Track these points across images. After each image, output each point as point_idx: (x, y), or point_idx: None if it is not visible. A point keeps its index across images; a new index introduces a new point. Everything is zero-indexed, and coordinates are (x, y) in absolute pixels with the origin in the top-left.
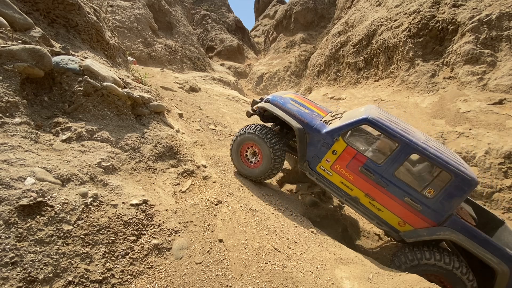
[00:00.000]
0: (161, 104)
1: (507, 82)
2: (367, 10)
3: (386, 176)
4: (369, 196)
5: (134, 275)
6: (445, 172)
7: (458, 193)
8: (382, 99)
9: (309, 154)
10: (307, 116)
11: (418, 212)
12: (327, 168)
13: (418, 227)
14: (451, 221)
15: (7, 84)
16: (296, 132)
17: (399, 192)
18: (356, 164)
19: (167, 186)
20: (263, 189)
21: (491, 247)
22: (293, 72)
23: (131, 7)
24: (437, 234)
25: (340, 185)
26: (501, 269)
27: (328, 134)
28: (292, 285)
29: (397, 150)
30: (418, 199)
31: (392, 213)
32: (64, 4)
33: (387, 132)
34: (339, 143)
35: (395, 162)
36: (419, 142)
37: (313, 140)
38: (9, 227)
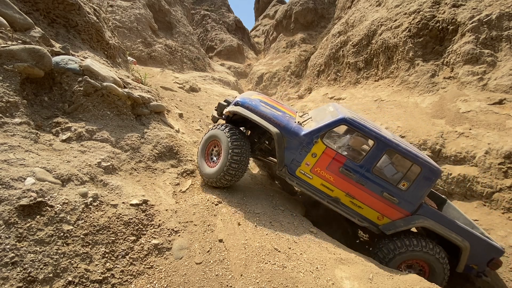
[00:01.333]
0: (161, 104)
1: (507, 82)
2: (367, 10)
3: (365, 174)
4: (349, 195)
5: (134, 275)
6: (416, 165)
7: (427, 183)
8: (382, 99)
9: (288, 158)
10: (283, 119)
11: (395, 205)
12: (307, 172)
13: (395, 219)
14: (422, 209)
15: (7, 84)
16: (275, 137)
17: (377, 188)
18: (337, 165)
19: (167, 186)
20: (264, 189)
21: (455, 227)
22: (293, 72)
23: (131, 7)
24: (412, 223)
25: (321, 187)
26: (464, 246)
27: (306, 136)
28: (292, 285)
29: (374, 148)
30: (395, 192)
31: (372, 209)
32: (64, 4)
33: (363, 131)
34: (318, 145)
35: (372, 160)
36: (392, 139)
37: (291, 143)
38: (9, 227)
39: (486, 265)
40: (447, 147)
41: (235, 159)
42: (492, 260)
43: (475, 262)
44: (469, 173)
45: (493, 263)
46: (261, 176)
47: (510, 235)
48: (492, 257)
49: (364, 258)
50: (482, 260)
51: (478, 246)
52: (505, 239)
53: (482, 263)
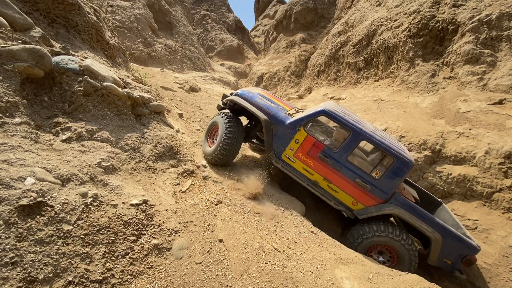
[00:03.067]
0: (161, 104)
1: (507, 82)
2: (367, 10)
3: (341, 161)
4: (327, 179)
5: (134, 275)
6: (388, 155)
7: (399, 173)
8: (382, 99)
9: (275, 144)
10: (273, 109)
11: (367, 191)
12: (291, 156)
13: (368, 205)
14: (394, 198)
15: (7, 84)
16: (263, 123)
17: (352, 175)
18: (315, 151)
19: (167, 186)
20: (264, 189)
21: (426, 218)
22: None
23: (131, 7)
24: (383, 209)
25: (302, 170)
26: (434, 237)
27: (291, 124)
28: (292, 285)
29: (349, 138)
30: (367, 180)
31: (347, 194)
32: (64, 4)
33: (340, 122)
34: (300, 132)
35: (348, 148)
36: (367, 131)
37: (278, 131)
38: (9, 227)
39: (460, 261)
40: (447, 147)
41: (227, 142)
42: (466, 256)
43: (449, 257)
44: (469, 173)
45: (466, 259)
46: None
47: (510, 235)
48: (467, 253)
49: (364, 258)
50: (456, 256)
51: (452, 241)
52: (505, 239)
53: (456, 259)
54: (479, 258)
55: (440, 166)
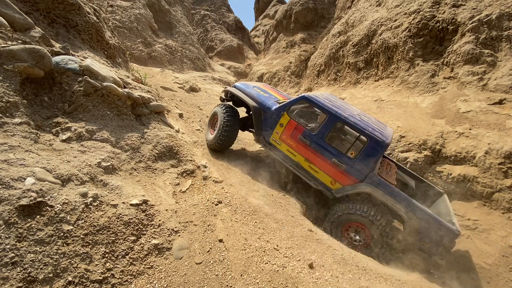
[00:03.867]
0: (161, 104)
1: (507, 82)
2: (367, 10)
3: (319, 142)
4: (308, 160)
5: (134, 275)
6: (362, 136)
7: (373, 153)
8: (382, 99)
9: (264, 128)
10: (263, 98)
11: (344, 171)
12: (277, 139)
13: (345, 185)
14: (369, 178)
15: (7, 84)
16: (252, 109)
17: (329, 155)
18: (297, 134)
19: (167, 186)
20: (264, 189)
21: (401, 199)
22: (293, 72)
23: (131, 7)
24: (358, 188)
25: (287, 152)
26: (407, 217)
27: (276, 110)
28: (292, 285)
29: (326, 120)
30: (343, 160)
31: (326, 174)
32: (64, 4)
33: (317, 106)
34: (284, 117)
35: (325, 130)
36: (343, 113)
37: (266, 116)
38: (9, 227)
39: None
40: (447, 147)
41: (225, 129)
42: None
43: (427, 240)
44: (469, 173)
45: (445, 243)
46: (261, 176)
47: (510, 235)
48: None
49: (365, 258)
50: (435, 239)
51: (430, 224)
52: (505, 239)
53: (433, 243)
54: (479, 258)
55: (440, 166)
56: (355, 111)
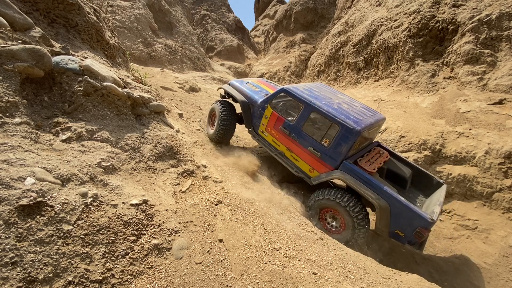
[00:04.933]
0: (161, 104)
1: (507, 82)
2: (367, 10)
3: (297, 131)
4: (289, 149)
5: (134, 275)
6: (334, 124)
7: (345, 140)
8: (382, 99)
9: (253, 121)
10: (251, 92)
11: (319, 159)
12: (264, 130)
13: (321, 172)
14: (343, 165)
15: (7, 84)
16: (240, 104)
17: (306, 144)
18: (278, 124)
19: (167, 186)
20: (264, 189)
21: (373, 186)
22: (293, 72)
23: (131, 7)
24: (331, 175)
25: (272, 142)
26: (378, 204)
27: (261, 103)
28: (292, 285)
29: (302, 110)
30: (318, 148)
31: (304, 162)
32: (64, 4)
33: (295, 97)
34: (268, 109)
35: (301, 119)
36: (317, 102)
37: (254, 110)
38: (9, 227)
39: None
40: (447, 147)
41: (223, 123)
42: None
43: (400, 228)
44: (469, 173)
45: (417, 231)
46: (261, 177)
47: (510, 235)
48: (418, 226)
49: (365, 258)
50: (408, 227)
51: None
52: (505, 239)
53: (408, 231)
54: (479, 258)
55: (440, 166)
56: (337, 100)
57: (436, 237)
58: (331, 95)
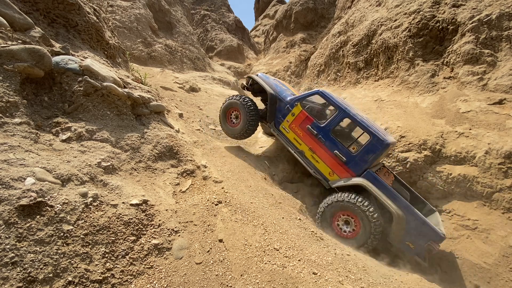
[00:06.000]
0: (161, 104)
1: (507, 82)
2: (367, 10)
3: (325, 133)
4: (311, 150)
5: (134, 275)
6: (366, 133)
7: (374, 150)
8: (382, 99)
9: (277, 115)
10: (280, 88)
11: (343, 163)
12: (286, 127)
13: (342, 177)
14: (367, 173)
15: (7, 84)
16: (269, 95)
17: (332, 147)
18: (306, 124)
19: (167, 186)
20: (264, 189)
21: (393, 196)
22: (293, 72)
23: (131, 7)
24: (353, 181)
25: (293, 140)
26: (397, 213)
27: (291, 100)
28: (292, 285)
29: (335, 115)
30: (344, 153)
31: (326, 165)
32: (64, 4)
33: (330, 101)
34: (297, 107)
35: (332, 123)
36: (352, 111)
37: (281, 105)
38: (9, 227)
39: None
40: (447, 147)
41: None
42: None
43: (412, 240)
44: (469, 173)
45: (428, 245)
46: (261, 177)
47: (510, 235)
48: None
49: (364, 258)
50: (419, 240)
51: (416, 224)
52: (505, 239)
53: (418, 244)
54: (479, 258)
55: (440, 166)
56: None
57: None
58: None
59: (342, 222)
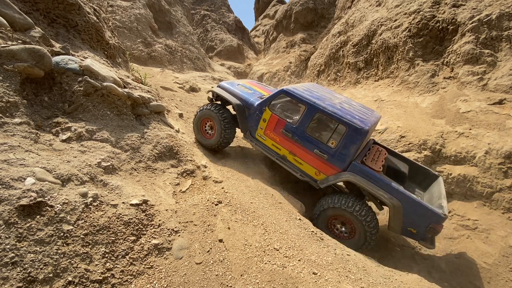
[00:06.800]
0: (161, 104)
1: (507, 82)
2: (367, 10)
3: (300, 134)
4: (292, 153)
5: (134, 275)
6: (341, 124)
7: (353, 140)
8: (382, 99)
9: (249, 124)
10: (245, 95)
11: (326, 161)
12: (262, 134)
13: (329, 175)
14: (352, 166)
15: (7, 84)
16: (234, 107)
17: (311, 146)
18: (279, 127)
19: (167, 186)
20: (264, 189)
21: (384, 185)
22: (293, 72)
23: (131, 7)
24: (341, 177)
25: (272, 147)
26: (391, 203)
27: (258, 106)
28: (292, 285)
29: (305, 111)
30: (325, 149)
31: (309, 165)
32: (64, 4)
33: (297, 99)
34: (266, 112)
35: (305, 122)
36: (321, 103)
37: (250, 113)
38: (9, 227)
39: (426, 231)
40: (447, 147)
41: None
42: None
43: (413, 225)
44: (469, 173)
45: (430, 227)
46: (261, 178)
47: (510, 235)
48: (431, 222)
49: (364, 258)
50: (420, 224)
51: (414, 208)
52: (505, 239)
53: (420, 228)
54: (479, 258)
55: (440, 166)
56: (337, 100)
57: (436, 237)
58: (329, 95)
59: (339, 224)
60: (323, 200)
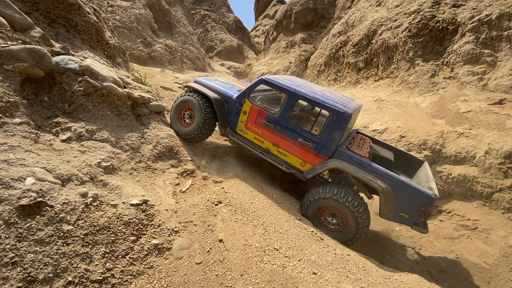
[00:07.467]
0: (161, 104)
1: (507, 82)
2: (367, 10)
3: (282, 123)
4: (276, 145)
5: (134, 275)
6: (324, 110)
7: (337, 125)
8: (382, 99)
9: (229, 119)
10: (223, 89)
11: (310, 149)
12: (243, 128)
13: (315, 164)
14: (338, 153)
15: (7, 84)
16: (213, 101)
17: (294, 136)
18: (260, 119)
19: (167, 186)
20: (264, 189)
21: (373, 170)
22: (293, 72)
23: (131, 7)
24: (327, 165)
25: (254, 140)
26: (381, 188)
27: (237, 98)
28: (292, 285)
29: (286, 100)
30: (309, 138)
31: (294, 156)
32: (64, 4)
33: (277, 87)
34: (246, 104)
35: (286, 110)
36: (302, 90)
37: (229, 107)
38: (9, 227)
39: (418, 214)
40: (447, 147)
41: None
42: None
43: (404, 210)
44: (469, 173)
45: (422, 210)
46: (261, 178)
47: (510, 235)
48: (422, 204)
49: (365, 258)
50: (412, 208)
51: (405, 192)
52: (505, 239)
53: (412, 212)
54: (479, 258)
55: (440, 166)
56: (317, 88)
57: (436, 237)
58: (310, 84)
59: (329, 216)
60: (314, 190)
